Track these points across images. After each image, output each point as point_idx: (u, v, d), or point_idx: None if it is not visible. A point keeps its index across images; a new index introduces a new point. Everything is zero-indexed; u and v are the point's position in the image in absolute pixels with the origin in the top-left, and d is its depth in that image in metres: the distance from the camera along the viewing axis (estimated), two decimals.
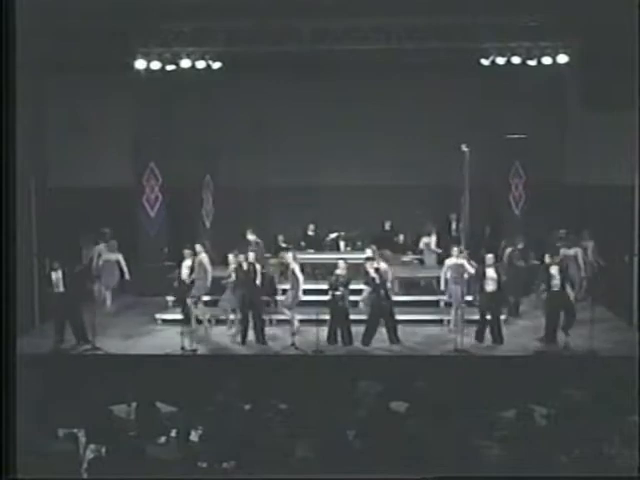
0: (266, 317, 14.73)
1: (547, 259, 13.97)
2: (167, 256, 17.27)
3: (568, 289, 13.88)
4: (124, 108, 17.71)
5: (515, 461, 7.84)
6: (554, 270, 13.72)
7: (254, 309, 14.25)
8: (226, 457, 8.49)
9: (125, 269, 16.23)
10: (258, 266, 14.37)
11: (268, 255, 17.14)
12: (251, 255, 14.38)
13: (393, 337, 13.96)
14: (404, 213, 18.48)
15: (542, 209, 17.43)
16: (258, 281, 14.26)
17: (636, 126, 15.12)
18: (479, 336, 13.98)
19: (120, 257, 16.26)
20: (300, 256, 15.67)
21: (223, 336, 14.62)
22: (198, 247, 14.91)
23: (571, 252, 15.05)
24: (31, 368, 9.89)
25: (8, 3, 8.55)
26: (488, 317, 13.97)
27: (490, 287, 13.86)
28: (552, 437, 8.51)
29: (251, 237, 16.27)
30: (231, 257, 14.74)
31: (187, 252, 14.88)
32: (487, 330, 14.04)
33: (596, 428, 8.80)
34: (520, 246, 15.85)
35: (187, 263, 14.84)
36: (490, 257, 14.05)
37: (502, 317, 14.35)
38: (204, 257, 14.77)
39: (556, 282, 13.69)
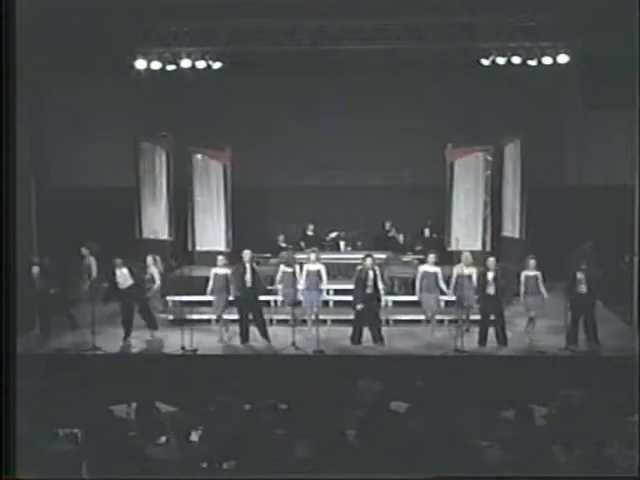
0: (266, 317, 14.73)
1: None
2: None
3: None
4: (124, 108, 17.73)
5: (515, 461, 7.83)
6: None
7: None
8: (226, 457, 8.48)
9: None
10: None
11: (268, 255, 17.16)
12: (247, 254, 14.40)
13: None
14: (404, 213, 18.50)
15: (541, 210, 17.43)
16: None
17: (636, 126, 15.12)
18: (482, 339, 14.00)
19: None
20: (299, 256, 15.69)
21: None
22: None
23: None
24: (31, 368, 9.89)
25: (8, 3, 8.54)
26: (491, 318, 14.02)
27: (491, 290, 13.89)
28: (552, 437, 8.50)
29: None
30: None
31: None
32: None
33: (596, 428, 8.80)
34: None
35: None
36: (492, 260, 14.11)
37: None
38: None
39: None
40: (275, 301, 15.40)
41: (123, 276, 14.21)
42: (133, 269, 14.34)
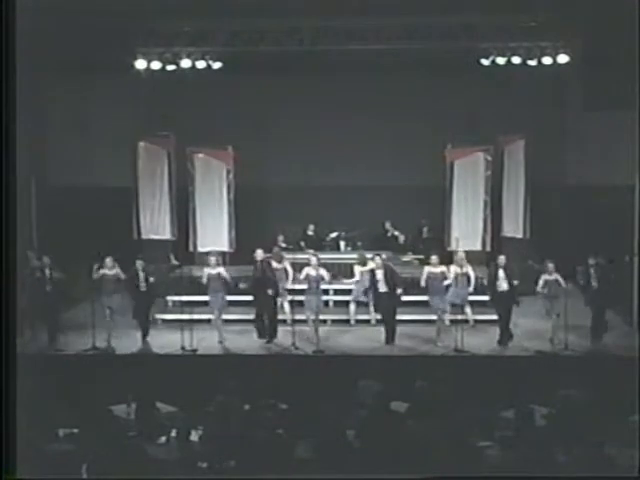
0: None
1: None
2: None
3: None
4: (124, 108, 17.73)
5: (515, 461, 7.83)
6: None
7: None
8: (226, 457, 8.48)
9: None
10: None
11: (268, 255, 17.13)
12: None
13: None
14: (404, 213, 18.50)
15: (542, 210, 17.42)
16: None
17: (636, 126, 15.11)
18: (502, 338, 14.03)
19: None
20: (299, 256, 15.70)
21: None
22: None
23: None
24: (31, 368, 9.89)
25: (8, 3, 8.54)
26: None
27: (502, 287, 13.93)
28: (552, 437, 8.50)
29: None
30: None
31: None
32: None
33: (596, 428, 8.80)
34: None
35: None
36: (503, 258, 14.10)
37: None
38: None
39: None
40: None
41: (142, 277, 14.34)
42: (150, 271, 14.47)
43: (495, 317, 14.29)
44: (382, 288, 14.14)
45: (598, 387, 10.60)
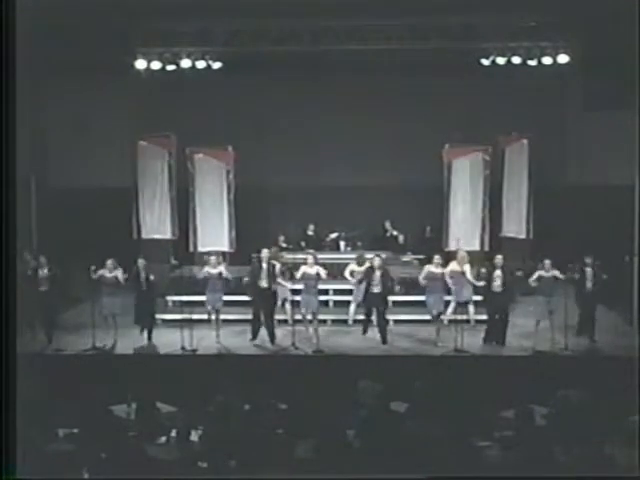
0: None
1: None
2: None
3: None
4: (124, 108, 17.73)
5: (515, 461, 7.83)
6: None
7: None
8: (226, 457, 8.48)
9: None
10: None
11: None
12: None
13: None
14: (404, 213, 18.51)
15: (542, 210, 17.42)
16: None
17: (636, 126, 15.12)
18: (493, 338, 14.03)
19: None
20: (298, 256, 15.71)
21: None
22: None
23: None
24: (31, 368, 9.89)
25: (8, 3, 8.54)
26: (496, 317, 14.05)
27: (497, 288, 13.89)
28: (552, 437, 8.50)
29: None
30: None
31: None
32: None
33: (596, 428, 8.80)
34: None
35: None
36: (500, 258, 14.08)
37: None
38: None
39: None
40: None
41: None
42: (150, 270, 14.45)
43: (496, 317, 14.24)
44: (376, 289, 14.11)
45: (598, 387, 10.59)
